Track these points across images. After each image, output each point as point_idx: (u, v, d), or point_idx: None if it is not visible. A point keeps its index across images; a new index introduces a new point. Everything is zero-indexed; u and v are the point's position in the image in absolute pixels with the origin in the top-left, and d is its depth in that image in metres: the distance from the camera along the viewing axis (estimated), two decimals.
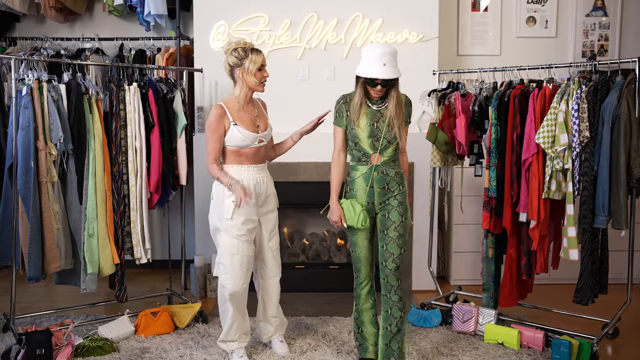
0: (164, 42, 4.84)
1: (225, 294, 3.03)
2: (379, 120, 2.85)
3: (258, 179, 3.04)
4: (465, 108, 3.72)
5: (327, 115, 3.16)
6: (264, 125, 3.07)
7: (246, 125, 2.98)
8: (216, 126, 2.93)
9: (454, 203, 4.47)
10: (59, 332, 3.22)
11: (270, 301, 3.26)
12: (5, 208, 3.28)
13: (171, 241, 4.30)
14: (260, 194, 3.06)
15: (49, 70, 4.04)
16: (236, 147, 2.97)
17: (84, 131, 3.37)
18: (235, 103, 3.01)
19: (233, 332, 3.10)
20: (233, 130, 2.94)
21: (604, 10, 4.86)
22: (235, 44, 2.98)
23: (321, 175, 4.27)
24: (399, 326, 2.88)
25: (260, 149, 3.04)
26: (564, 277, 4.29)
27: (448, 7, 4.81)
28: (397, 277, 2.87)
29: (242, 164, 3.00)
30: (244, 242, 3.00)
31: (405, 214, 2.89)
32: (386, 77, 2.72)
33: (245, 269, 3.02)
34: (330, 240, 4.67)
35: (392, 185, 2.88)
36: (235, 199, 2.90)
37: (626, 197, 3.13)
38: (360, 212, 2.86)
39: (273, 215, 3.16)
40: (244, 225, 2.99)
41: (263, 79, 3.00)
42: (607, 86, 3.20)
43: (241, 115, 2.99)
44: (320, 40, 4.38)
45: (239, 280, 3.01)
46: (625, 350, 3.36)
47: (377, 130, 2.84)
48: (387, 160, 2.88)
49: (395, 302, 2.87)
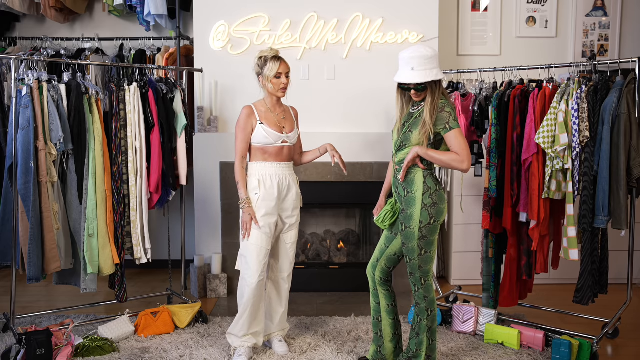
0: (164, 42, 4.84)
1: (243, 287, 3.13)
2: (411, 123, 2.81)
3: (281, 175, 3.16)
4: (465, 108, 3.72)
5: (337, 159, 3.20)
6: (290, 128, 3.21)
7: (271, 125, 3.14)
8: (244, 125, 3.12)
9: (454, 203, 4.47)
10: (59, 332, 3.22)
11: (276, 297, 3.30)
12: (5, 208, 3.28)
13: (171, 241, 4.30)
14: (283, 190, 3.16)
15: (49, 70, 4.06)
16: (261, 145, 3.13)
17: (84, 131, 3.37)
18: (263, 105, 3.19)
19: (239, 327, 3.13)
20: (259, 128, 3.12)
21: (604, 10, 4.86)
22: (260, 53, 3.14)
23: (321, 175, 4.27)
24: (417, 330, 2.87)
25: (283, 149, 3.17)
26: (564, 277, 4.30)
27: (448, 7, 4.81)
28: (412, 283, 2.86)
29: (267, 161, 3.15)
30: (264, 234, 3.11)
31: (407, 223, 2.78)
32: (410, 81, 2.70)
33: (262, 262, 3.10)
34: (330, 241, 4.67)
35: (400, 189, 2.84)
36: (258, 192, 3.09)
37: (626, 197, 3.13)
38: (386, 212, 2.89)
39: (294, 213, 3.25)
40: (265, 218, 3.10)
41: (280, 86, 3.12)
42: (607, 86, 3.20)
43: (268, 116, 3.16)
44: (320, 40, 4.38)
45: (255, 273, 3.08)
46: (625, 350, 3.36)
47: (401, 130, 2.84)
48: (401, 161, 2.82)
49: (414, 306, 2.90)
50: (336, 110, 4.41)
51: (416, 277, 2.82)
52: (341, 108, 4.41)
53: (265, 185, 3.11)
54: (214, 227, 4.38)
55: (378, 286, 2.99)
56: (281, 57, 3.13)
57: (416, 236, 2.76)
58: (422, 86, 2.71)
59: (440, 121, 2.71)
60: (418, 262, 2.79)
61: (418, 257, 2.78)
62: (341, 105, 4.41)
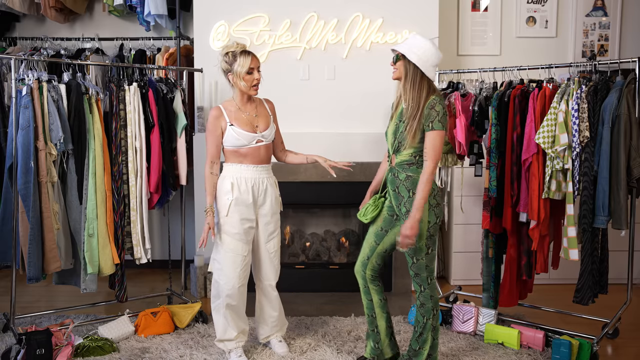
0: (164, 42, 4.84)
1: (218, 290, 3.05)
2: (403, 119, 2.79)
3: (257, 179, 3.04)
4: (465, 108, 3.72)
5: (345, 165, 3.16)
6: (264, 125, 3.07)
7: (243, 125, 3.00)
8: (212, 127, 3.00)
9: (454, 203, 4.47)
10: (59, 332, 3.22)
11: (267, 302, 3.26)
12: (5, 208, 3.28)
13: (171, 241, 4.30)
14: (259, 195, 3.06)
15: (49, 70, 4.06)
16: (233, 147, 3.01)
17: (84, 131, 3.37)
18: (233, 105, 3.05)
19: (230, 331, 3.09)
20: (229, 130, 2.98)
21: (604, 10, 4.86)
22: (227, 48, 2.97)
23: (321, 175, 4.27)
24: (420, 330, 2.86)
25: (260, 149, 3.04)
26: (564, 277, 4.29)
27: (448, 7, 4.81)
28: (418, 283, 2.85)
29: (242, 163, 3.02)
30: (239, 241, 3.01)
31: None
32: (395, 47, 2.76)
33: (238, 269, 3.02)
34: (330, 240, 4.67)
35: (402, 189, 2.80)
36: (230, 197, 2.97)
37: (626, 197, 3.13)
38: (368, 204, 2.92)
39: (273, 219, 3.13)
40: (241, 224, 3.00)
41: (253, 82, 2.98)
42: (607, 86, 3.20)
43: (239, 116, 3.01)
44: (320, 40, 4.38)
45: (232, 279, 3.00)
46: (625, 350, 3.36)
47: (397, 129, 2.82)
48: (401, 162, 2.80)
49: (418, 306, 2.88)
50: (336, 110, 4.41)
51: (423, 277, 2.81)
52: (341, 108, 4.41)
53: (239, 189, 2.98)
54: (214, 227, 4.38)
55: (369, 283, 2.99)
56: (250, 51, 2.97)
57: (424, 236, 2.76)
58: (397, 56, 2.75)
59: (427, 117, 2.70)
60: (425, 262, 2.79)
61: (425, 256, 2.78)
62: (341, 105, 4.41)
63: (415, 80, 2.71)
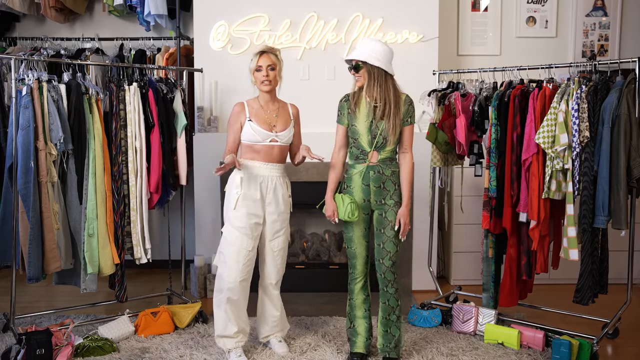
0: (164, 42, 4.84)
1: (221, 284, 3.08)
2: (376, 118, 2.90)
3: (266, 176, 3.09)
4: (465, 108, 3.72)
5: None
6: (282, 127, 3.13)
7: (260, 122, 3.08)
8: (233, 121, 3.10)
9: (454, 203, 4.47)
10: (59, 332, 3.22)
11: (269, 301, 3.27)
12: (5, 208, 3.28)
13: (171, 241, 4.30)
14: (267, 192, 3.10)
15: (49, 70, 4.05)
16: (249, 142, 3.09)
17: (84, 131, 3.37)
18: (256, 102, 3.15)
19: (230, 327, 3.10)
20: (247, 125, 3.07)
21: (604, 10, 4.86)
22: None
23: (321, 175, 4.26)
24: (397, 314, 3.02)
25: (273, 148, 3.10)
26: (564, 277, 4.29)
27: (448, 7, 4.81)
28: (393, 272, 2.97)
29: (255, 160, 3.09)
30: (244, 235, 3.05)
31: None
32: (352, 57, 2.89)
33: (241, 263, 3.04)
34: (330, 240, 4.67)
35: (388, 184, 2.94)
36: (239, 191, 3.04)
37: (626, 197, 3.13)
38: (348, 204, 2.92)
39: (280, 217, 3.16)
40: (247, 218, 3.05)
41: (261, 79, 3.08)
42: (607, 86, 3.20)
43: (259, 114, 3.11)
44: (320, 40, 4.38)
45: (234, 272, 3.03)
46: (625, 350, 3.36)
47: (375, 127, 2.90)
48: (384, 158, 2.93)
49: (392, 294, 3.00)
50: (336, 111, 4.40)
51: (397, 264, 2.97)
52: None
53: (248, 185, 3.05)
54: (214, 227, 4.38)
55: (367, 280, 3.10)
56: (266, 51, 3.07)
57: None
58: (359, 65, 2.88)
59: (406, 113, 2.93)
60: (400, 251, 3.00)
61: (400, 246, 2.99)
62: None
63: (382, 81, 2.88)
